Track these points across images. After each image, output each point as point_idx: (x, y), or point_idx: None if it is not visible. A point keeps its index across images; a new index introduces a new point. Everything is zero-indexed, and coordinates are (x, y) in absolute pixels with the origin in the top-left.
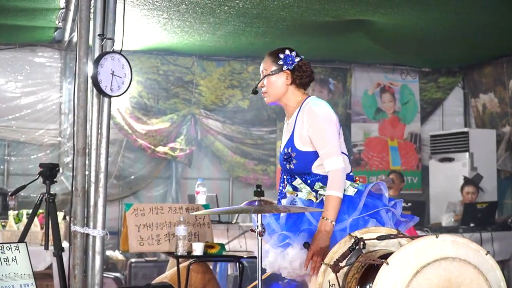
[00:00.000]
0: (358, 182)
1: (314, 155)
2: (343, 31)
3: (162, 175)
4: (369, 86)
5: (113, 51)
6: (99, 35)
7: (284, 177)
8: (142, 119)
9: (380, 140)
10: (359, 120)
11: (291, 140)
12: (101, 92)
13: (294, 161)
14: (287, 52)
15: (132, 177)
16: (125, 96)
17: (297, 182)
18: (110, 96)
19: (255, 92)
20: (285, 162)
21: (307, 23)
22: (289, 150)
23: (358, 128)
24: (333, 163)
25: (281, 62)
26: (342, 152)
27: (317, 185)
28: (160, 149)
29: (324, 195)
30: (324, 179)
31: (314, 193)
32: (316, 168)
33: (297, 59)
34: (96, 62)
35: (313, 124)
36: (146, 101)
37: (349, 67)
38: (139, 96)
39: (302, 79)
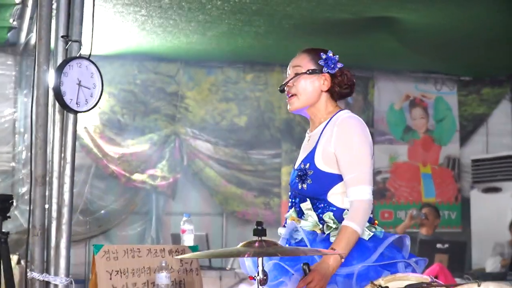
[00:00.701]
0: (376, 226)
1: (335, 179)
2: (364, 31)
3: (140, 210)
4: (395, 98)
5: (80, 57)
6: (62, 36)
7: (293, 201)
8: (115, 140)
9: (410, 166)
10: (383, 141)
11: (311, 155)
12: (65, 107)
13: (308, 181)
14: (330, 53)
15: (103, 211)
16: (94, 112)
17: (306, 205)
18: (76, 112)
19: (282, 90)
20: (297, 180)
21: (318, 21)
22: (306, 167)
23: (382, 151)
24: (360, 192)
25: (322, 63)
26: None
27: (327, 216)
28: (137, 177)
29: (332, 229)
30: (338, 212)
31: (320, 225)
32: (332, 196)
33: (339, 65)
34: (59, 70)
35: (345, 141)
36: (120, 117)
37: (371, 76)
38: (111, 111)
39: (341, 87)
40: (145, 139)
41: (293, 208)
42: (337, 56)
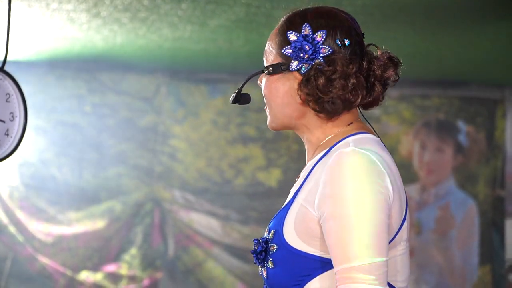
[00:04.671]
0: None
1: (316, 265)
2: (493, 19)
3: None
4: None
5: None
6: None
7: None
8: (47, 211)
9: None
10: None
11: (282, 216)
12: None
13: (269, 264)
14: (307, 28)
15: None
16: (11, 163)
17: None
18: None
19: (236, 99)
20: (255, 259)
21: (415, 4)
22: (270, 236)
23: None
24: None
25: (287, 52)
26: (391, 285)
27: None
28: (86, 276)
29: None
30: None
31: None
32: None
33: (324, 48)
34: None
35: (333, 200)
36: (55, 171)
37: (500, 98)
38: (41, 161)
39: (317, 98)
40: (100, 210)
41: None
42: (324, 31)
